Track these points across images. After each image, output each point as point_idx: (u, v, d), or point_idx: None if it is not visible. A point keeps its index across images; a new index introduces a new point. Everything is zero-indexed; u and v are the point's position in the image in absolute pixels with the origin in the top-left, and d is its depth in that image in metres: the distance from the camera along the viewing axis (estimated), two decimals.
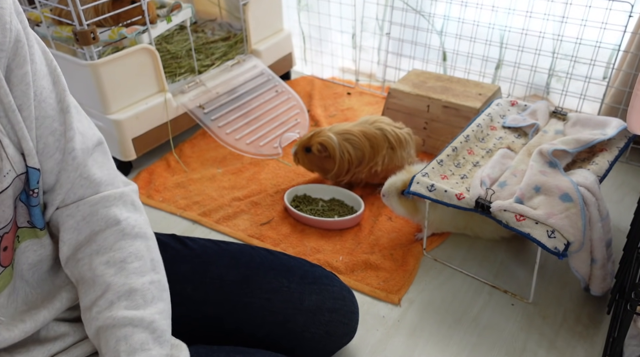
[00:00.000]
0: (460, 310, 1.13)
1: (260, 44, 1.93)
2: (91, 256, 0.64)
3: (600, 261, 1.05)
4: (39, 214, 0.63)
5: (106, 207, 0.65)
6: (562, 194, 1.03)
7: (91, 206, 0.64)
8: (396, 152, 1.40)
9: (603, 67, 1.64)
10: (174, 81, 1.76)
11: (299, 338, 0.86)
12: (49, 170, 0.61)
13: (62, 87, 0.62)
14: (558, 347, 1.04)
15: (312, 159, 1.42)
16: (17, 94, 0.56)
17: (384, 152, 1.38)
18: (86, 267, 0.63)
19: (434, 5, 1.85)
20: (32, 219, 0.62)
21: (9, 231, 0.58)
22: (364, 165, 1.39)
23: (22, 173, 0.58)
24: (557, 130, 1.28)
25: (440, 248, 1.29)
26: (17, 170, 0.57)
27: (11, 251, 0.60)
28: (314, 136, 1.39)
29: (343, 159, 1.37)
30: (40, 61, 0.60)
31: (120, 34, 1.51)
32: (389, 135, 1.38)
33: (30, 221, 0.63)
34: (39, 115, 0.59)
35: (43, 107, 0.59)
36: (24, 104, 0.57)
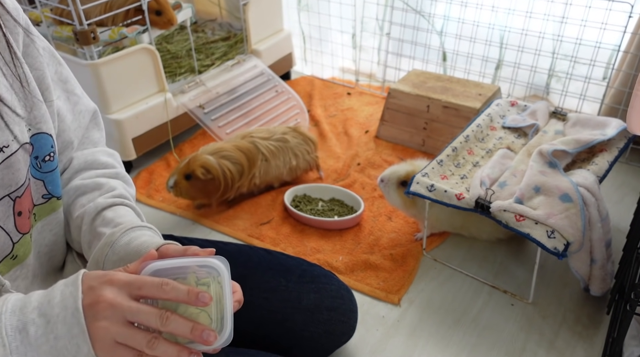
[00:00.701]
0: (460, 310, 1.13)
1: (261, 44, 1.93)
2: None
3: (599, 261, 1.05)
4: (56, 180, 0.65)
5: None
6: (561, 195, 1.03)
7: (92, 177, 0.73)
8: (270, 163, 1.42)
9: (603, 68, 1.64)
10: (174, 81, 1.76)
11: (297, 337, 0.86)
12: (61, 131, 0.69)
13: (57, 60, 0.70)
14: (558, 348, 1.03)
15: (196, 185, 1.36)
16: (36, 66, 0.63)
17: (259, 163, 1.40)
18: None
19: (434, 5, 1.85)
20: (49, 188, 0.65)
21: (21, 195, 0.59)
22: (245, 178, 1.39)
23: (26, 142, 0.60)
24: (557, 131, 1.28)
25: (440, 248, 1.29)
26: (24, 138, 0.59)
27: (27, 218, 0.61)
28: (191, 162, 1.34)
29: (226, 176, 1.35)
30: (39, 37, 0.66)
31: (121, 34, 1.51)
32: (261, 147, 1.40)
33: (47, 194, 0.65)
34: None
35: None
36: (41, 75, 0.63)
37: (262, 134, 1.45)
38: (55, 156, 0.64)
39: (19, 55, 0.59)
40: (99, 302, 0.49)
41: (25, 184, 0.60)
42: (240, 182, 1.39)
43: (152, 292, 0.50)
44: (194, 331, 0.50)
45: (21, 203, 0.60)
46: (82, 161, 0.73)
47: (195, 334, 0.50)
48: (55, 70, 0.69)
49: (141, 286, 0.50)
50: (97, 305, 0.49)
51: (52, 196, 0.66)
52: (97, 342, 0.49)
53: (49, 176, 0.64)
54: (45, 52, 0.66)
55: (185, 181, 1.35)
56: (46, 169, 0.64)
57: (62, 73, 0.71)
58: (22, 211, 0.60)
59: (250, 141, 1.41)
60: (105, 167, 0.75)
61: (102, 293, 0.49)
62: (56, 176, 0.66)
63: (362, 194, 1.45)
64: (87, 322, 0.48)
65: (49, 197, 0.66)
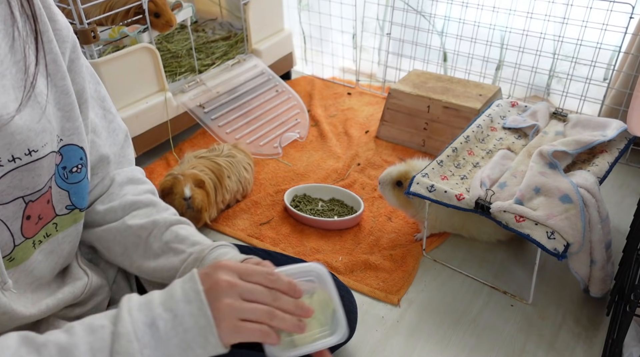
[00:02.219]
0: (459, 311, 1.12)
1: (261, 44, 1.93)
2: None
3: (599, 262, 1.05)
4: (82, 192, 0.67)
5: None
6: (562, 195, 1.03)
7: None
8: (232, 178, 1.39)
9: (603, 69, 1.64)
10: (174, 80, 1.76)
11: None
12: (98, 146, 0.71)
13: (96, 79, 0.73)
14: (557, 349, 1.03)
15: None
16: (78, 81, 0.65)
17: (226, 180, 1.37)
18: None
19: (435, 5, 1.84)
20: (73, 200, 0.66)
21: (35, 200, 0.60)
22: (219, 194, 1.36)
23: (54, 151, 0.61)
24: (558, 132, 1.28)
25: (440, 249, 1.29)
26: (52, 147, 0.61)
27: (34, 224, 0.61)
28: (188, 175, 1.28)
29: (213, 193, 1.33)
30: (83, 56, 0.69)
31: (121, 33, 1.51)
32: (222, 163, 1.38)
33: (71, 205, 0.66)
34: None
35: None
36: (81, 90, 0.66)
37: (212, 153, 1.42)
38: (83, 169, 0.66)
39: (64, 68, 0.62)
40: (217, 283, 0.53)
41: (42, 191, 0.60)
42: (216, 199, 1.36)
43: (260, 279, 0.56)
44: (296, 307, 0.56)
45: (32, 208, 0.60)
46: (124, 177, 0.76)
47: (297, 310, 0.56)
48: (95, 88, 0.72)
49: (251, 273, 0.56)
50: (217, 286, 0.53)
51: (75, 208, 0.67)
52: (222, 321, 0.52)
53: (75, 187, 0.65)
54: (87, 70, 0.69)
55: (199, 189, 1.30)
56: (73, 180, 0.65)
57: (101, 92, 0.74)
58: (32, 216, 0.60)
59: (209, 160, 1.38)
60: (145, 183, 0.79)
61: (219, 276, 0.54)
62: (82, 188, 0.66)
63: (362, 194, 1.45)
64: (210, 303, 0.52)
65: (72, 208, 0.66)
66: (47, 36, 0.60)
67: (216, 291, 0.53)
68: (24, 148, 0.56)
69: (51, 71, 0.60)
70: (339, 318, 0.59)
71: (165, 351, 0.51)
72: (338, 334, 0.58)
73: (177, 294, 0.53)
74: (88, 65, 0.70)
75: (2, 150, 0.54)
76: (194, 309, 0.52)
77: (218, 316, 0.52)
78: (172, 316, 0.52)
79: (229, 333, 0.52)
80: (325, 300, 0.60)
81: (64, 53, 0.63)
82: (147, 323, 0.51)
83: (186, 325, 0.51)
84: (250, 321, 0.53)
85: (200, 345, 0.51)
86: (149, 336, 0.50)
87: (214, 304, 0.52)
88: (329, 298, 0.60)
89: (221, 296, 0.53)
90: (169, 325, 0.51)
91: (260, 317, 0.54)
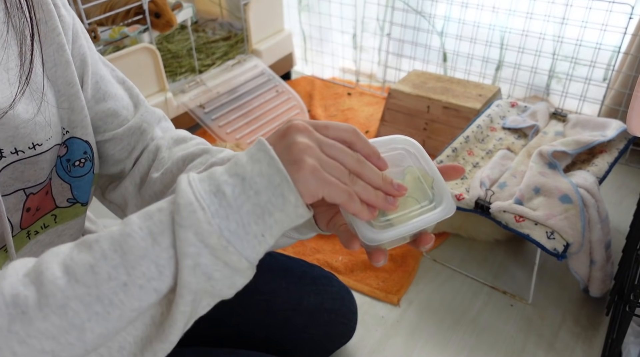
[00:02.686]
0: (459, 311, 1.13)
1: (261, 44, 1.93)
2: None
3: (599, 262, 1.05)
4: (85, 186, 0.64)
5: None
6: (561, 196, 1.03)
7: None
8: None
9: (603, 69, 1.64)
10: (175, 80, 1.76)
11: (298, 339, 0.86)
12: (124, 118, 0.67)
13: (105, 63, 0.67)
14: (557, 349, 1.04)
15: None
16: (77, 64, 0.61)
17: None
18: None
19: (435, 6, 1.85)
20: (74, 193, 0.64)
21: (36, 192, 0.59)
22: None
23: (59, 144, 0.59)
24: (557, 132, 1.28)
25: (440, 249, 1.29)
26: (57, 140, 0.59)
27: (31, 215, 0.60)
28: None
29: None
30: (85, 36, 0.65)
31: (122, 33, 1.51)
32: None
33: (72, 198, 0.64)
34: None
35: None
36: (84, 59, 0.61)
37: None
38: (87, 163, 0.63)
39: (67, 57, 0.58)
40: (293, 144, 0.43)
41: (43, 183, 0.60)
42: None
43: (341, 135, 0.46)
44: (385, 182, 0.46)
45: (33, 200, 0.59)
46: (169, 141, 0.69)
47: (386, 185, 0.45)
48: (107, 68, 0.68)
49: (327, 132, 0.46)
50: (293, 147, 0.43)
51: (77, 202, 0.65)
52: (300, 172, 0.42)
53: (77, 181, 0.64)
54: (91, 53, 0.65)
55: None
56: (75, 173, 0.63)
57: (116, 72, 0.69)
58: (31, 208, 0.60)
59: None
60: (193, 139, 0.71)
61: (295, 139, 0.43)
62: (85, 183, 0.65)
63: None
64: (283, 157, 0.43)
65: (73, 201, 0.65)
66: (51, 24, 0.57)
67: (292, 152, 0.43)
68: (28, 141, 0.55)
69: (56, 61, 0.58)
70: (443, 189, 0.48)
71: (238, 219, 0.42)
72: (445, 208, 0.47)
73: (242, 159, 0.44)
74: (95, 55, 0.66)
75: (4, 142, 0.52)
76: (264, 168, 0.42)
77: (294, 168, 0.42)
78: (240, 180, 0.42)
79: (310, 186, 0.42)
80: (421, 175, 0.49)
81: (69, 41, 0.60)
82: (212, 191, 0.42)
83: (257, 187, 0.42)
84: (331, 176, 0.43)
85: (278, 207, 0.42)
86: (216, 205, 0.42)
87: (288, 155, 0.43)
88: (425, 172, 0.49)
89: (298, 156, 0.42)
90: (238, 190, 0.42)
91: (342, 176, 0.43)
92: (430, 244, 0.49)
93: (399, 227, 0.46)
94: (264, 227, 0.43)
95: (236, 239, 0.42)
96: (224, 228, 0.41)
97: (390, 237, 0.45)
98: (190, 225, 0.41)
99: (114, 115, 0.66)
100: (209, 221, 0.41)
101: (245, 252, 0.42)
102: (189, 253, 0.41)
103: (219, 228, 0.41)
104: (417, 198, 0.48)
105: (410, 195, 0.47)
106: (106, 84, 0.65)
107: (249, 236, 0.42)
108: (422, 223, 0.46)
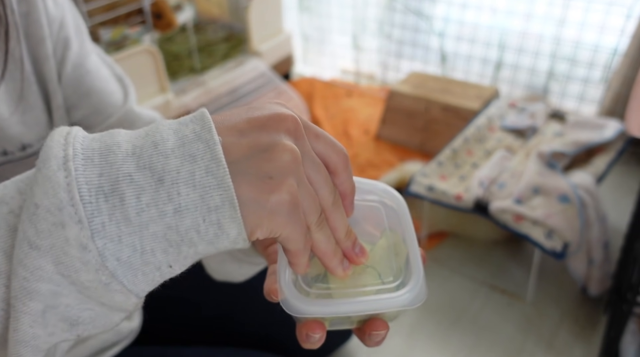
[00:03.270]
0: (458, 310, 1.13)
1: (262, 45, 1.94)
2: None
3: (597, 262, 1.06)
4: None
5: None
6: (560, 196, 1.04)
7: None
8: None
9: (601, 70, 1.65)
10: (176, 81, 1.77)
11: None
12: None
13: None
14: (555, 348, 1.04)
15: None
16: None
17: None
18: None
19: (434, 7, 1.85)
20: None
21: None
22: None
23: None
24: (556, 132, 1.29)
25: (439, 249, 1.30)
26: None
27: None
28: None
29: None
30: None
31: (123, 34, 1.52)
32: None
33: None
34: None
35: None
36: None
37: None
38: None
39: (47, 52, 0.55)
40: (277, 147, 0.28)
41: None
42: None
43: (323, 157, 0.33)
44: (348, 235, 0.33)
45: None
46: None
47: (347, 238, 0.33)
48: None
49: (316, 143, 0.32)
50: (276, 152, 0.28)
51: None
52: (268, 207, 0.27)
53: None
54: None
55: None
56: None
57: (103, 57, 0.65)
58: None
59: None
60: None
61: (280, 140, 0.29)
62: None
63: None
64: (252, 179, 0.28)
65: None
66: (35, 16, 0.54)
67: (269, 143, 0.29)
68: (17, 143, 0.53)
69: (37, 55, 0.54)
70: (416, 268, 0.34)
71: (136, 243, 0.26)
72: (411, 293, 0.32)
73: (167, 140, 0.28)
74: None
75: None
76: (199, 173, 0.27)
77: (265, 188, 0.28)
78: (154, 181, 0.26)
79: (271, 222, 0.28)
80: (395, 243, 0.36)
81: (53, 34, 0.56)
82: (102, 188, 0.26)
83: (180, 202, 0.26)
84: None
85: (205, 239, 0.27)
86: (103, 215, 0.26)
87: (261, 163, 0.28)
88: (400, 241, 0.36)
89: (281, 144, 0.29)
90: (147, 197, 0.26)
91: (312, 217, 0.30)
92: (381, 337, 0.34)
93: (338, 302, 0.32)
94: (174, 258, 0.28)
95: (126, 271, 0.27)
96: (109, 256, 0.26)
97: (321, 312, 0.32)
98: (49, 247, 0.25)
99: (96, 112, 0.62)
100: (85, 245, 0.25)
101: (136, 289, 0.28)
102: (38, 292, 0.25)
103: (100, 256, 0.25)
104: (380, 271, 0.35)
105: (373, 265, 0.35)
106: (93, 79, 0.61)
107: (147, 267, 0.27)
108: (372, 306, 0.32)
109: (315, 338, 0.32)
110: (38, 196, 0.25)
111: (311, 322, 0.32)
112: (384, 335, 0.34)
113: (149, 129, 0.29)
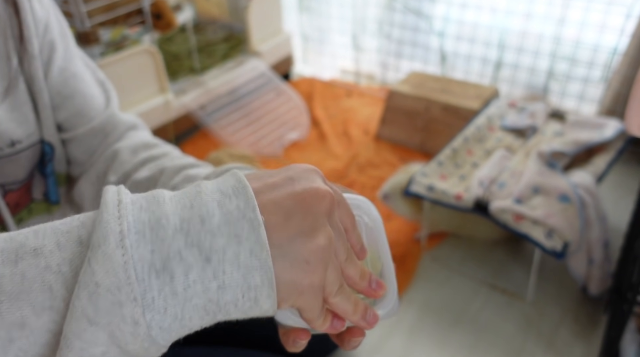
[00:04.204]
0: (458, 310, 1.13)
1: (261, 45, 1.94)
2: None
3: (597, 261, 1.06)
4: (52, 185, 0.63)
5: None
6: (560, 195, 1.04)
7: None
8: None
9: (601, 69, 1.65)
10: (175, 81, 1.77)
11: None
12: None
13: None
14: (556, 347, 1.04)
15: None
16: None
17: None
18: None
19: (434, 7, 1.85)
20: (47, 191, 0.63)
21: (15, 189, 0.58)
22: None
23: (38, 142, 0.58)
24: (556, 132, 1.29)
25: (439, 248, 1.30)
26: (38, 136, 0.57)
27: (7, 212, 0.60)
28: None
29: None
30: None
31: (123, 34, 1.52)
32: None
33: (46, 194, 0.63)
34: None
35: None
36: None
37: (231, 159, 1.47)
38: (49, 164, 0.62)
39: (34, 52, 0.56)
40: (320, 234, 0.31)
41: (24, 181, 0.59)
42: None
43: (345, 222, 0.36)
44: (363, 276, 0.36)
45: (12, 197, 0.59)
46: (131, 146, 0.63)
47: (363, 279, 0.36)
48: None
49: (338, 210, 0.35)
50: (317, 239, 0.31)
51: (49, 198, 0.65)
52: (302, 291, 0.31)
53: (48, 180, 0.63)
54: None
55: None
56: (45, 172, 0.63)
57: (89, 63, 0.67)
58: (9, 204, 0.59)
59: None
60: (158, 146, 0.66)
61: (322, 224, 0.32)
62: (52, 182, 0.64)
63: (362, 194, 1.46)
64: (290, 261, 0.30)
65: (48, 197, 0.65)
66: (20, 15, 0.54)
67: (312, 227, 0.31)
68: (6, 139, 0.53)
69: (25, 54, 0.55)
70: (390, 282, 0.38)
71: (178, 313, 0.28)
72: (385, 306, 0.37)
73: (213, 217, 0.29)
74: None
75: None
76: (244, 254, 0.29)
77: (302, 273, 0.31)
78: (202, 259, 0.29)
79: (301, 299, 0.32)
80: (371, 257, 0.39)
81: (39, 34, 0.57)
82: (154, 266, 0.28)
83: (225, 280, 0.29)
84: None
85: (241, 310, 0.30)
86: (154, 291, 0.28)
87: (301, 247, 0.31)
88: (375, 255, 0.39)
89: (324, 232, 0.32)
90: (194, 274, 0.28)
91: (333, 287, 0.33)
92: (358, 342, 0.37)
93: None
94: (207, 323, 0.30)
95: (165, 335, 0.29)
96: (154, 326, 0.28)
97: (298, 322, 0.34)
98: (107, 323, 0.27)
99: (79, 115, 0.62)
100: (137, 320, 0.27)
101: (167, 343, 0.30)
102: (89, 354, 0.27)
103: (148, 327, 0.27)
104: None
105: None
106: (77, 82, 0.62)
107: (182, 330, 0.29)
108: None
109: (302, 344, 0.35)
110: (99, 274, 0.27)
111: (297, 330, 0.35)
112: (360, 340, 0.37)
113: (193, 197, 0.31)
